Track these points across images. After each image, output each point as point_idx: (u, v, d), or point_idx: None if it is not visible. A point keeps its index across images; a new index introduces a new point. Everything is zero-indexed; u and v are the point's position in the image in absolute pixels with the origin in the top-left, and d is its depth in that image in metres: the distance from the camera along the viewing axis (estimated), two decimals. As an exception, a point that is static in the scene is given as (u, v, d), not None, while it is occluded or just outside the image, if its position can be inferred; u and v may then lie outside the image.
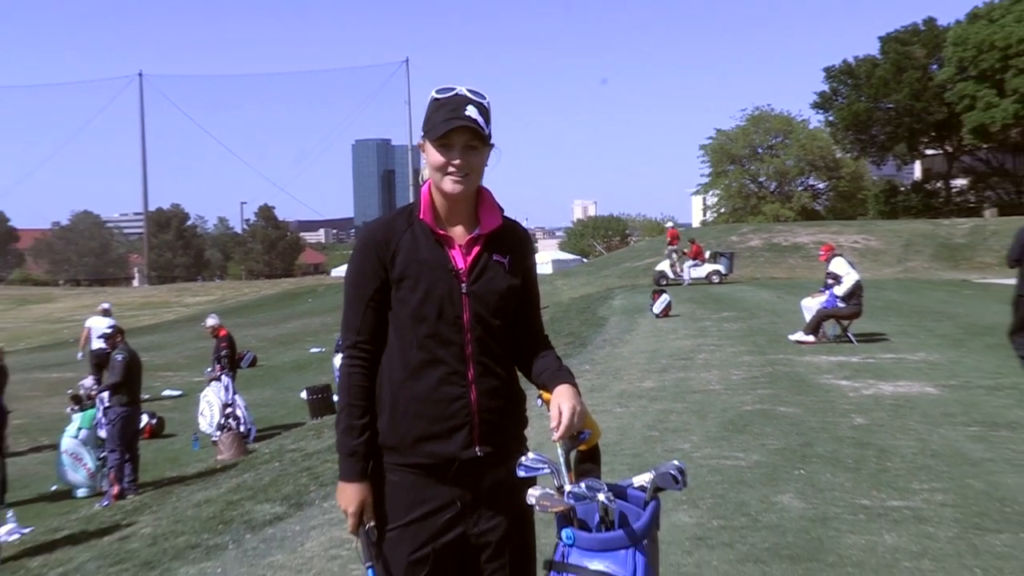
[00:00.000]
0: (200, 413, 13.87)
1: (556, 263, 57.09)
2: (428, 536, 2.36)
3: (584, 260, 60.54)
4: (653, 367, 11.81)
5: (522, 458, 2.36)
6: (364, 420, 2.39)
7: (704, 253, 28.62)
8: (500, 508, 2.41)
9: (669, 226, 33.95)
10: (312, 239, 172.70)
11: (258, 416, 14.33)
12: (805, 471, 6.35)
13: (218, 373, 13.88)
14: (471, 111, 2.32)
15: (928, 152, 59.70)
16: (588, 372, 11.57)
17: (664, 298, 18.07)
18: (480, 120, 2.33)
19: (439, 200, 2.43)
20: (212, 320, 14.91)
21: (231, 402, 13.34)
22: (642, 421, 8.33)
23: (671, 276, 27.40)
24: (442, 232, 2.41)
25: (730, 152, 63.41)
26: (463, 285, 2.38)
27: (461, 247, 2.41)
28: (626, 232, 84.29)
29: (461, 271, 2.39)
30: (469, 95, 2.35)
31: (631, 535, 2.28)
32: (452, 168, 2.34)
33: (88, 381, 15.00)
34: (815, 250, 30.42)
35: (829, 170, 63.03)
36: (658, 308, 17.83)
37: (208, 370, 14.69)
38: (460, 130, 2.32)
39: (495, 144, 2.43)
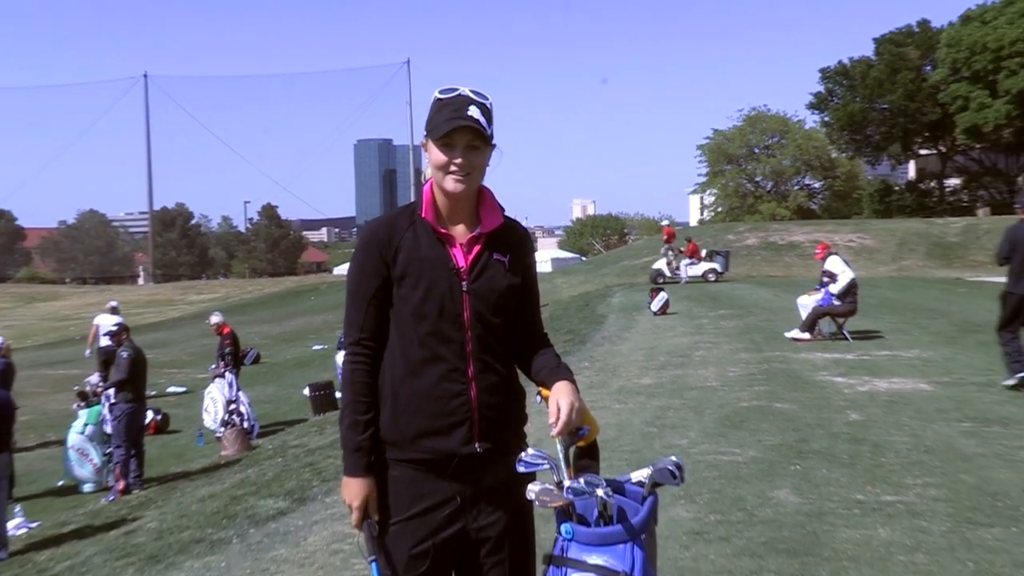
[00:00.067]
0: (204, 409, 13.89)
1: (555, 261, 57.02)
2: (429, 531, 2.36)
3: (583, 258, 60.44)
4: (651, 364, 11.81)
5: (522, 454, 2.36)
6: (368, 416, 2.39)
7: (700, 252, 28.52)
8: (500, 503, 2.41)
9: (665, 224, 33.74)
10: (314, 238, 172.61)
11: (261, 412, 14.35)
12: (801, 466, 6.36)
13: (222, 370, 13.90)
14: (473, 111, 2.32)
15: (922, 152, 59.69)
16: (587, 369, 11.57)
17: (662, 296, 18.06)
18: (482, 120, 2.33)
19: (441, 199, 2.43)
20: (216, 318, 14.93)
21: (235, 399, 13.35)
22: (640, 417, 8.33)
23: (668, 274, 27.27)
24: (443, 231, 2.41)
25: (727, 152, 63.39)
26: (464, 283, 2.37)
27: (462, 246, 2.41)
28: (624, 231, 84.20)
29: (462, 269, 2.38)
30: (472, 96, 2.35)
31: (629, 530, 2.29)
32: (454, 167, 2.34)
33: (94, 378, 15.01)
34: (811, 249, 30.40)
35: (825, 170, 63.02)
36: (656, 306, 17.83)
37: (212, 367, 14.71)
38: (462, 130, 2.32)
39: (497, 145, 2.42)
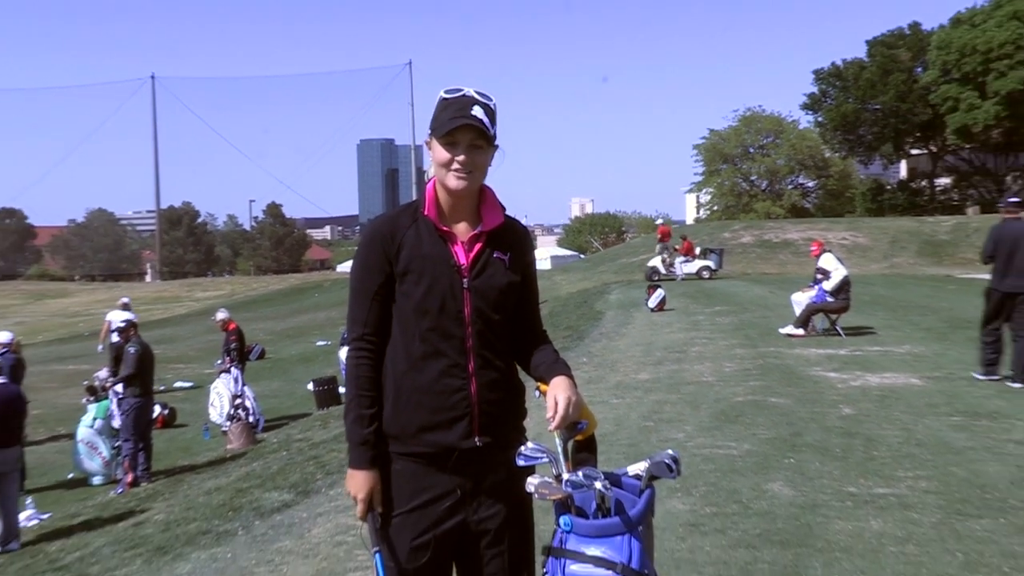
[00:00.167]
0: (211, 404, 13.89)
1: (554, 259, 56.93)
2: (430, 523, 2.36)
3: (581, 256, 60.38)
4: (648, 359, 11.81)
5: (521, 448, 2.36)
6: (373, 410, 2.39)
7: (695, 249, 28.40)
8: (500, 496, 2.41)
9: (660, 223, 33.58)
10: (318, 236, 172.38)
11: (266, 407, 14.35)
12: (795, 460, 6.36)
13: (228, 365, 13.90)
14: (477, 111, 2.32)
15: (913, 152, 59.62)
16: (585, 364, 11.56)
17: (659, 293, 18.05)
18: (485, 120, 2.33)
19: (443, 197, 2.42)
20: (222, 314, 14.94)
21: (240, 393, 13.35)
22: (637, 412, 8.33)
23: (663, 272, 27.11)
24: (445, 228, 2.41)
25: (723, 151, 63.32)
26: (465, 280, 2.37)
27: (463, 243, 2.41)
28: (622, 229, 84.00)
29: (463, 267, 2.38)
30: (476, 96, 2.35)
31: (627, 522, 2.29)
32: (456, 165, 2.34)
33: (103, 373, 15.00)
34: (805, 246, 30.39)
35: (818, 169, 62.98)
36: (653, 302, 17.81)
37: (218, 362, 14.71)
38: (466, 128, 2.32)
39: (499, 146, 2.42)
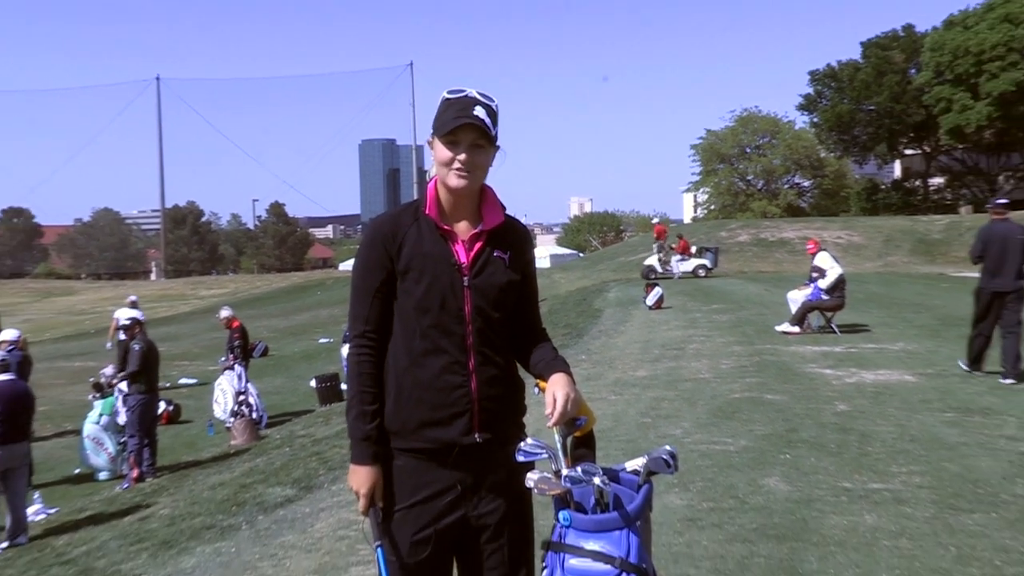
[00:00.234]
0: (215, 400, 13.88)
1: (554, 257, 56.95)
2: (430, 518, 2.36)
3: (580, 255, 60.42)
4: (646, 357, 11.81)
5: (521, 444, 2.36)
6: (375, 406, 2.39)
7: (691, 248, 28.29)
8: (499, 491, 2.41)
9: (656, 222, 33.51)
10: (321, 235, 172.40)
11: (269, 403, 14.34)
12: (790, 455, 6.36)
13: (231, 362, 13.89)
14: (479, 111, 2.32)
15: (907, 152, 59.60)
16: (584, 362, 11.56)
17: (657, 291, 18.04)
18: (487, 121, 2.33)
19: (444, 196, 2.42)
20: (225, 312, 14.94)
21: (244, 390, 13.34)
22: (635, 408, 8.33)
23: (659, 271, 26.95)
24: (446, 227, 2.40)
25: (720, 151, 63.27)
26: (465, 278, 2.37)
27: (464, 242, 2.41)
28: (621, 228, 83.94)
29: (463, 265, 2.38)
30: (479, 97, 2.35)
31: (625, 517, 2.29)
32: (458, 164, 2.34)
33: (109, 370, 14.98)
34: (800, 245, 30.39)
35: (814, 169, 62.94)
36: (651, 300, 17.81)
37: (222, 359, 14.70)
38: (468, 128, 2.32)
39: (500, 147, 2.42)
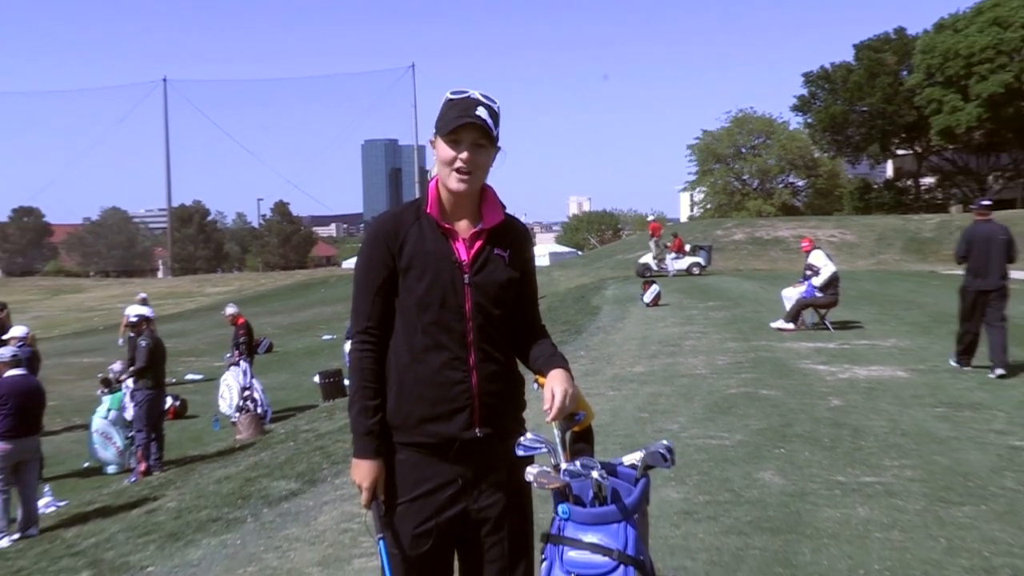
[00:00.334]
0: (220, 396, 13.89)
1: (553, 255, 56.89)
2: (432, 511, 2.36)
3: (579, 253, 60.40)
4: (643, 353, 11.80)
5: (520, 438, 2.36)
6: (377, 401, 2.38)
7: (685, 246, 28.07)
8: (500, 485, 2.40)
9: (651, 219, 33.32)
10: (324, 233, 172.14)
11: (274, 399, 14.34)
12: (785, 450, 6.36)
13: (237, 358, 13.88)
14: (481, 112, 2.31)
15: (899, 152, 59.62)
16: (583, 358, 11.55)
17: (654, 288, 18.02)
18: (489, 121, 2.32)
19: (445, 195, 2.41)
20: (231, 309, 14.94)
21: (249, 385, 13.34)
22: (633, 403, 8.33)
23: (655, 268, 26.74)
24: (447, 226, 2.40)
25: (716, 151, 63.25)
26: (465, 276, 2.37)
27: (465, 240, 2.40)
28: (618, 226, 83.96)
29: (464, 263, 2.38)
30: (481, 98, 2.34)
31: (623, 510, 2.29)
32: (460, 163, 2.33)
33: (117, 366, 14.99)
34: (795, 243, 30.33)
35: (808, 169, 62.96)
36: (648, 297, 17.79)
37: (228, 356, 14.70)
38: (469, 127, 2.31)
39: (501, 147, 2.41)
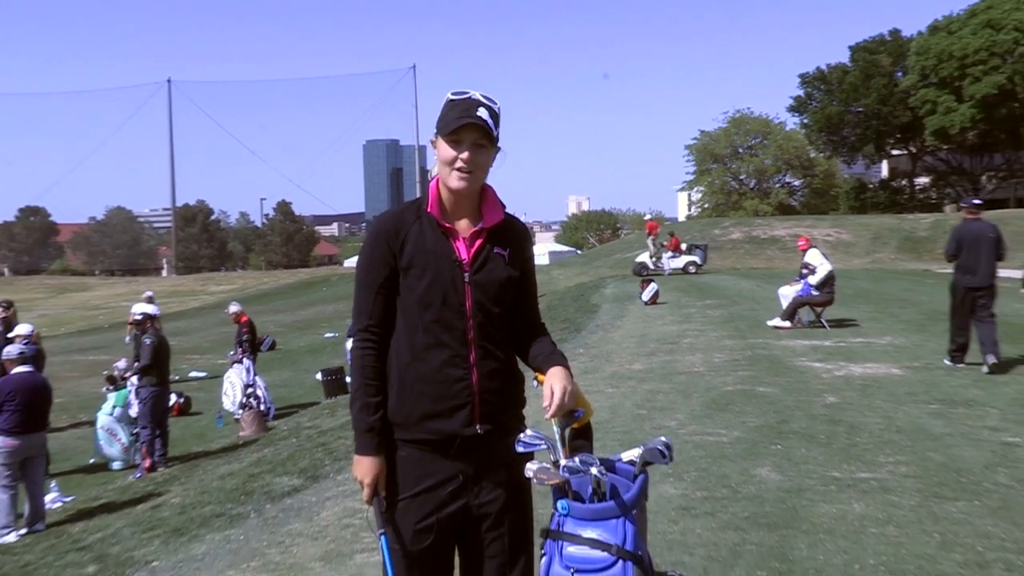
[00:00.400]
0: (224, 393, 13.87)
1: (552, 254, 56.88)
2: (433, 507, 2.35)
3: (578, 252, 60.40)
4: (642, 350, 11.80)
5: (520, 435, 2.36)
6: (378, 398, 2.38)
7: (681, 245, 28.01)
8: (500, 481, 2.40)
9: (648, 218, 33.24)
10: (326, 232, 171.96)
11: (277, 396, 14.34)
12: (781, 446, 6.36)
13: (240, 356, 13.88)
14: (482, 112, 2.31)
15: (894, 152, 59.74)
16: (582, 355, 11.55)
17: (652, 286, 18.01)
18: (489, 121, 2.32)
19: (446, 195, 2.41)
20: (234, 307, 14.94)
21: (252, 383, 13.33)
22: (632, 400, 8.32)
23: (651, 267, 26.72)
24: (448, 225, 2.40)
25: (713, 152, 63.30)
26: (466, 275, 2.36)
27: (465, 239, 2.40)
28: (617, 226, 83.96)
29: (464, 261, 2.37)
30: (481, 99, 2.34)
31: (621, 505, 2.29)
32: (460, 163, 2.33)
33: (122, 363, 14.99)
34: (791, 242, 30.35)
35: (804, 169, 63.02)
36: (646, 296, 17.78)
37: (231, 353, 14.69)
38: (470, 128, 2.31)
39: (501, 148, 2.41)
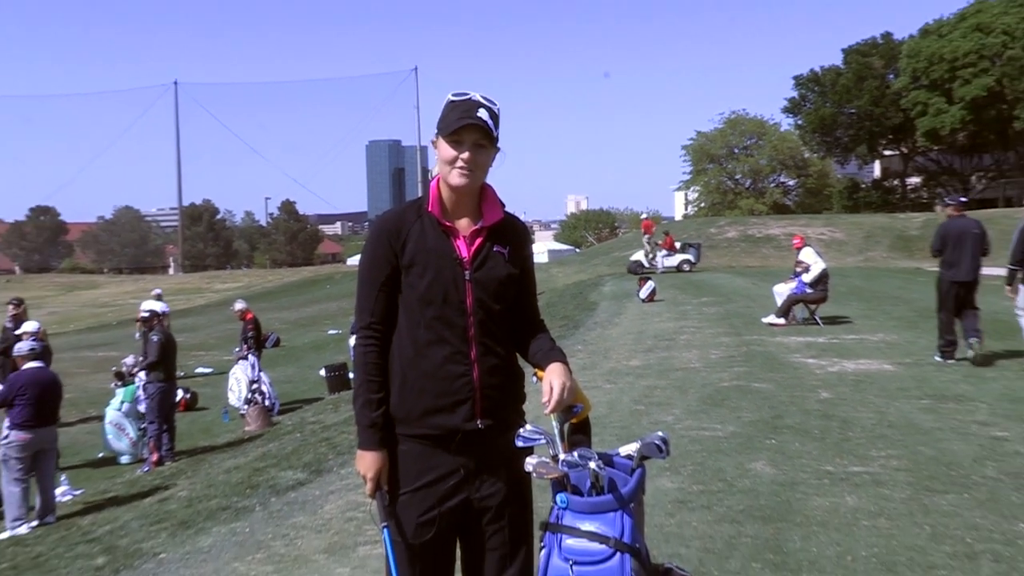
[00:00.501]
0: (229, 389, 13.87)
1: (551, 253, 56.89)
2: (435, 501, 2.35)
3: (577, 250, 60.37)
4: (639, 347, 11.79)
5: (520, 430, 2.36)
6: (380, 394, 2.38)
7: (675, 244, 27.89)
8: (500, 475, 2.40)
9: (644, 217, 33.16)
10: (329, 231, 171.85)
11: (281, 391, 14.33)
12: (776, 441, 6.35)
13: (245, 352, 13.88)
14: (482, 113, 2.31)
15: (886, 153, 59.73)
16: (580, 352, 11.54)
17: (650, 284, 18.00)
18: (489, 122, 2.32)
19: (446, 194, 2.41)
20: (240, 305, 14.93)
21: (257, 379, 13.34)
22: (629, 396, 8.32)
23: (646, 265, 26.65)
24: (448, 224, 2.39)
25: (709, 152, 63.29)
26: (466, 272, 2.36)
27: (465, 238, 2.40)
28: (615, 224, 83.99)
29: (465, 260, 2.37)
30: (482, 100, 2.34)
31: (619, 499, 2.28)
32: (460, 162, 2.33)
33: (129, 359, 14.98)
34: (786, 241, 30.36)
35: (798, 169, 63.03)
36: (644, 293, 17.77)
37: (236, 350, 14.69)
38: (471, 128, 2.31)
39: (501, 148, 2.41)
